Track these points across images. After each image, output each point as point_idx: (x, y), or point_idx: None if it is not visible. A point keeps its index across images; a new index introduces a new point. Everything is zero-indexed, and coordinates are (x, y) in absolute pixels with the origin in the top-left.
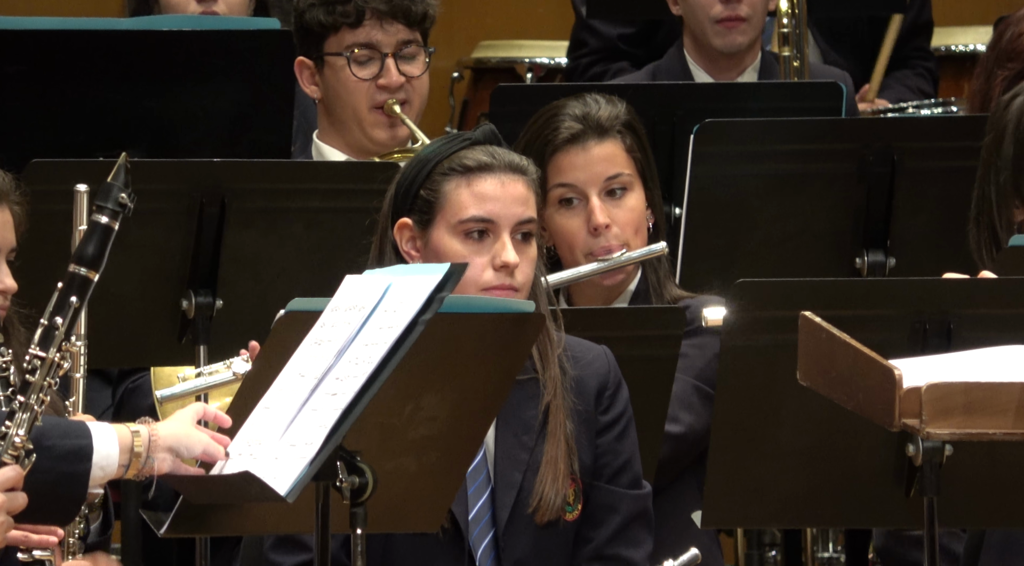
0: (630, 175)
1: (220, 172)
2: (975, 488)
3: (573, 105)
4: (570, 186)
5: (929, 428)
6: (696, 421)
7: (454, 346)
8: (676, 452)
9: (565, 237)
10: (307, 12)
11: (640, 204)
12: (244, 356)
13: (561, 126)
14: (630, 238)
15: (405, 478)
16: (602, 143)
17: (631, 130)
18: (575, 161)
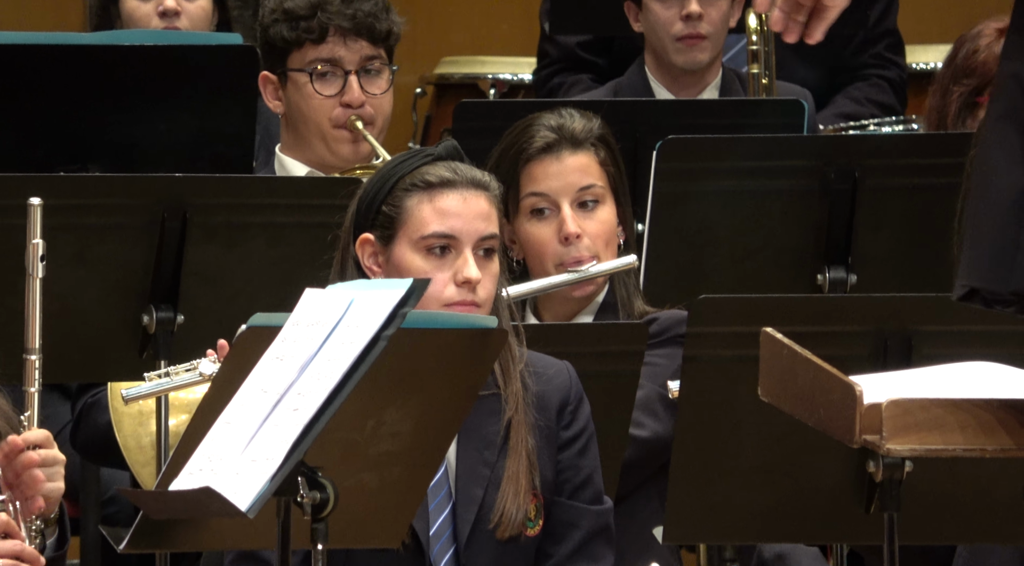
0: (602, 188)
1: (182, 187)
2: (935, 504)
3: (549, 117)
4: (543, 195)
5: (889, 444)
6: (661, 428)
7: (416, 362)
8: (640, 456)
9: (536, 247)
10: (271, 27)
11: (611, 218)
12: (211, 357)
13: (536, 136)
14: (601, 250)
15: (366, 494)
16: (576, 154)
17: (605, 144)
18: (548, 170)
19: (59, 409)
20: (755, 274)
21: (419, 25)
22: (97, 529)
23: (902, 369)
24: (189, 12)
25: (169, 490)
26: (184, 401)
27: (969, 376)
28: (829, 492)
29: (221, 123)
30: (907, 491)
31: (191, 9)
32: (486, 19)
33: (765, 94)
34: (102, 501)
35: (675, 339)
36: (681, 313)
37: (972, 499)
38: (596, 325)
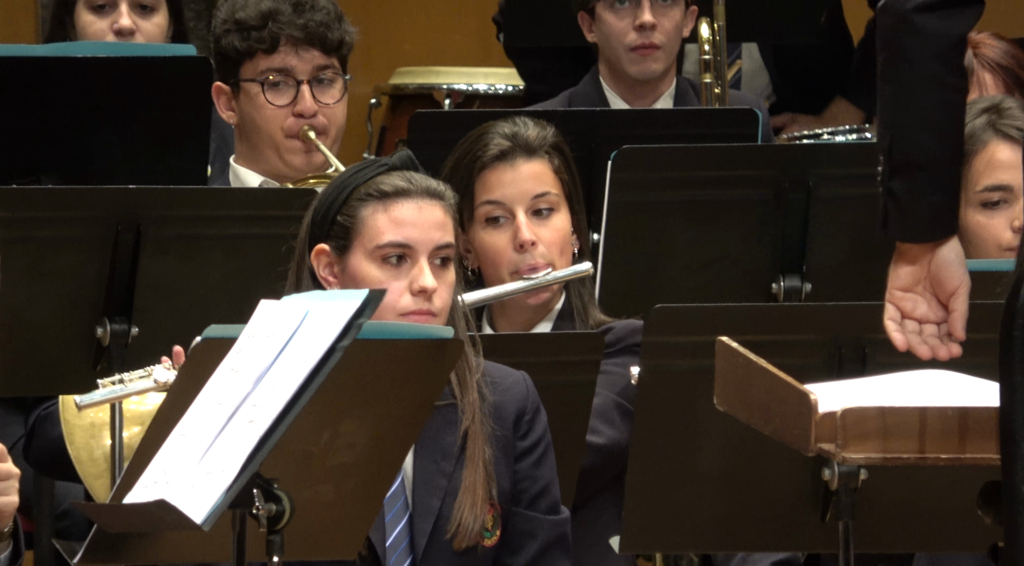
0: (557, 195)
1: (136, 199)
2: (890, 512)
3: (502, 125)
4: (497, 203)
5: (844, 452)
6: (618, 435)
7: (372, 372)
8: (597, 463)
9: (491, 254)
10: (223, 38)
11: (566, 225)
12: (166, 363)
13: (490, 144)
14: (555, 258)
15: (323, 505)
16: (530, 161)
17: (559, 152)
18: (503, 178)
19: (13, 423)
20: (710, 283)
21: (374, 35)
22: (51, 543)
23: (857, 377)
24: (145, 31)
25: (124, 503)
26: (137, 413)
27: (923, 384)
28: (785, 500)
29: (175, 135)
30: (862, 499)
31: (147, 27)
32: (440, 29)
33: (718, 103)
34: (56, 514)
35: (631, 348)
36: (637, 323)
37: (927, 507)
38: (552, 335)
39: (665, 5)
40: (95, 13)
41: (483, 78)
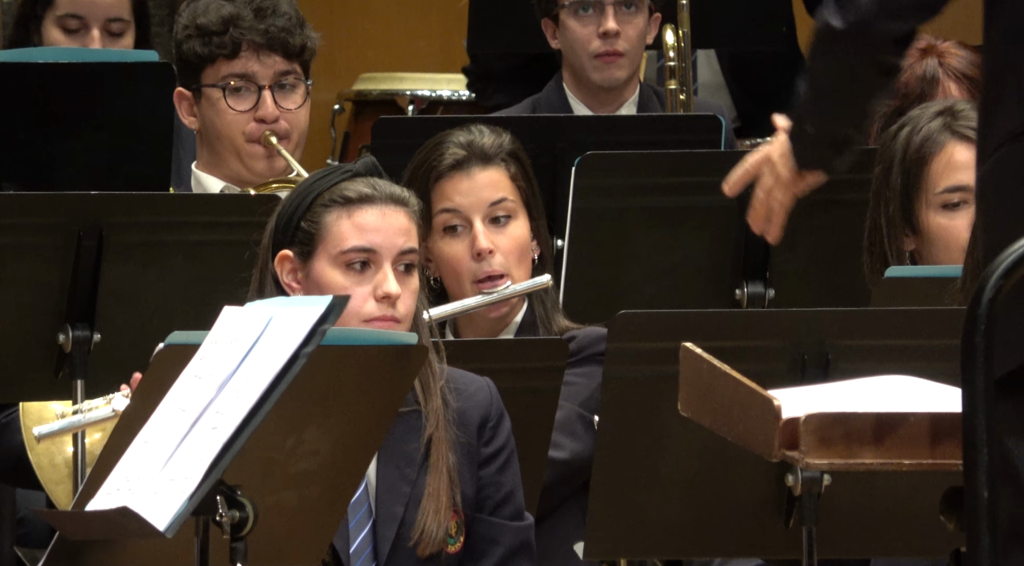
0: (514, 202)
1: (98, 205)
2: (853, 517)
3: (458, 134)
4: (454, 212)
5: (808, 458)
6: (581, 448)
7: (336, 379)
8: (560, 477)
9: (450, 264)
10: (184, 43)
11: (524, 233)
12: (125, 392)
13: (446, 153)
14: (513, 266)
15: (286, 512)
16: (486, 169)
17: (515, 159)
18: (459, 187)
19: None
20: (674, 289)
21: (337, 41)
22: (12, 550)
23: (820, 383)
24: None
25: (86, 510)
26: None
27: (886, 390)
28: (749, 506)
29: (137, 140)
30: (825, 505)
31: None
32: (404, 36)
33: (683, 110)
34: (17, 521)
35: (594, 357)
36: (600, 330)
37: (890, 513)
38: (516, 341)
39: (629, 12)
40: (65, 34)
41: (447, 84)
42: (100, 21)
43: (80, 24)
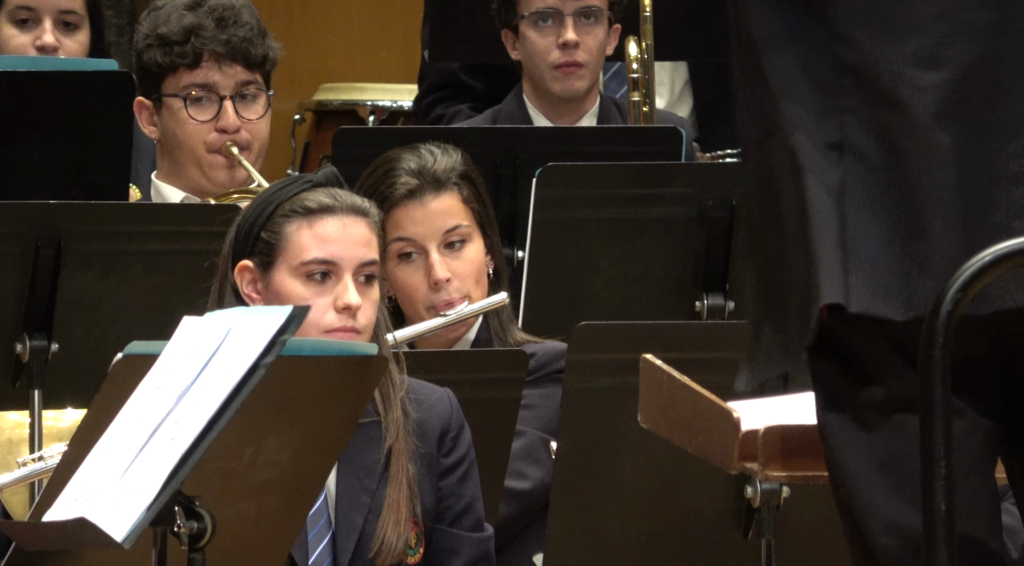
0: (468, 226)
1: (56, 214)
2: (812, 530)
3: (408, 158)
4: (409, 240)
5: (767, 470)
6: (544, 475)
7: (296, 389)
8: (522, 510)
9: (406, 290)
10: (145, 52)
11: (479, 254)
12: None
13: (397, 181)
14: (471, 289)
15: (245, 523)
16: (439, 196)
17: (468, 181)
18: (413, 216)
19: None
20: (634, 301)
21: (297, 51)
22: None
23: (779, 395)
24: (68, 48)
25: (43, 521)
26: (57, 430)
27: None
28: (708, 518)
29: (96, 150)
30: (784, 517)
31: (70, 45)
32: (365, 46)
33: (646, 121)
34: None
35: (552, 376)
36: (560, 347)
37: None
38: (476, 352)
39: (589, 23)
40: (17, 27)
41: (407, 94)
42: (52, 13)
43: (32, 16)
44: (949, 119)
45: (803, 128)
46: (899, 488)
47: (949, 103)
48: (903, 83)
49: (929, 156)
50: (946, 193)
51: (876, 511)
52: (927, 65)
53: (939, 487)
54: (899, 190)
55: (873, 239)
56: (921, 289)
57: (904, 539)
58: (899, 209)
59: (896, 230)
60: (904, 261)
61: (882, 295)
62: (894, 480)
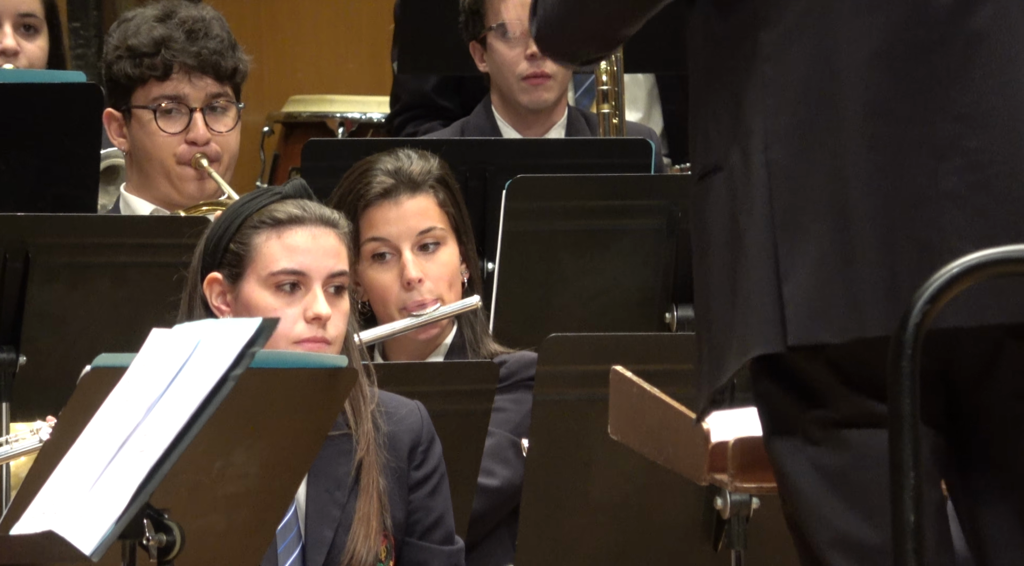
0: (443, 229)
1: (24, 226)
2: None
3: (386, 160)
4: (383, 240)
5: (737, 482)
6: (512, 475)
7: (265, 402)
8: (491, 506)
9: (379, 291)
10: (115, 64)
11: (453, 258)
12: (51, 422)
13: (373, 181)
14: (444, 292)
15: (214, 535)
16: (414, 197)
17: (444, 185)
18: (388, 215)
19: None
20: (604, 313)
21: (266, 63)
22: None
23: (749, 407)
24: (28, 52)
25: (11, 534)
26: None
27: None
28: (678, 529)
29: (63, 162)
30: (754, 528)
31: (30, 49)
32: (334, 58)
33: (616, 133)
34: None
35: (523, 383)
36: (530, 356)
37: None
38: (446, 364)
39: None
40: None
41: (376, 106)
42: (11, 16)
43: None
44: (877, 139)
45: (736, 157)
46: (846, 501)
47: (878, 123)
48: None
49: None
50: (875, 214)
51: (825, 525)
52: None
53: (907, 498)
54: (828, 213)
55: (806, 267)
56: (855, 310)
57: (853, 553)
58: (830, 233)
59: (828, 254)
60: (837, 285)
61: (819, 321)
62: (841, 494)
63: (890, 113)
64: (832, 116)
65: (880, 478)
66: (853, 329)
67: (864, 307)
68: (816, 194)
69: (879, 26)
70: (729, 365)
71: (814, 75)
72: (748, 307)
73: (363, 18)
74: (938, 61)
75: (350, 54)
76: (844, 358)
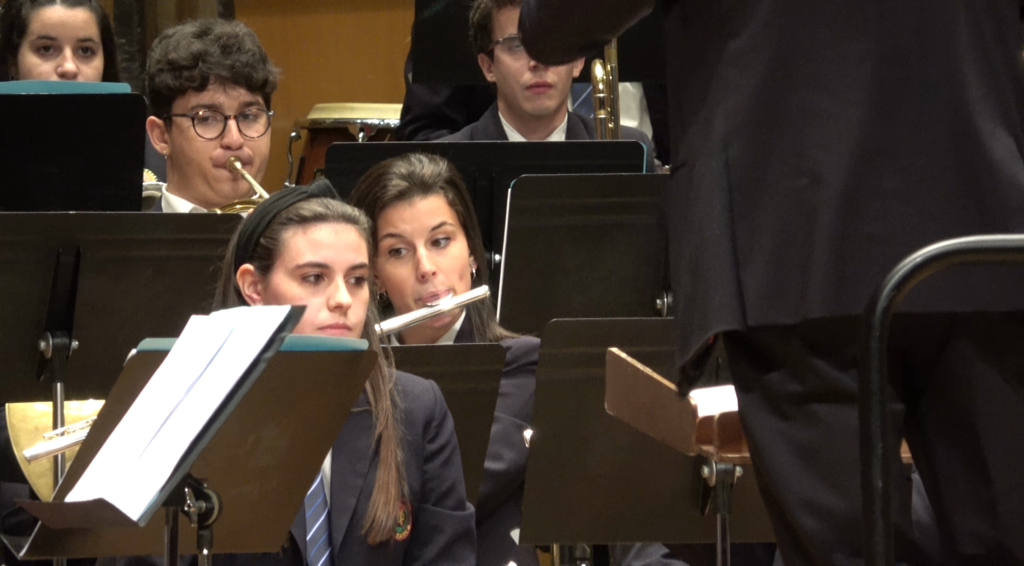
0: (453, 225)
1: (75, 224)
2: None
3: (399, 165)
4: (398, 237)
5: (722, 452)
6: (517, 457)
7: (293, 382)
8: (498, 488)
9: (395, 284)
10: (157, 76)
11: (463, 252)
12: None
13: (389, 184)
14: (455, 283)
15: (248, 503)
16: (426, 198)
17: (452, 186)
18: (403, 215)
19: None
20: (601, 300)
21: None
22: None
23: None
24: (85, 73)
25: (66, 502)
26: (78, 417)
27: None
28: (669, 496)
29: (110, 165)
30: (738, 494)
31: (87, 71)
32: (354, 69)
33: (611, 137)
34: (4, 514)
35: (526, 367)
36: (532, 341)
37: None
38: (458, 347)
39: None
40: (40, 55)
41: (393, 113)
42: (71, 42)
43: (53, 45)
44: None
45: (700, 154)
46: (816, 472)
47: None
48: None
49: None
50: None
51: (796, 493)
52: (816, 89)
53: (876, 466)
54: (782, 207)
55: (762, 255)
56: (807, 293)
57: (823, 519)
58: (783, 224)
59: (781, 244)
60: (789, 271)
61: (772, 303)
62: (811, 466)
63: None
64: (788, 119)
65: (846, 451)
66: (803, 311)
67: (813, 291)
68: (771, 189)
69: (834, 38)
70: (692, 342)
71: (773, 80)
72: (709, 289)
73: (380, 33)
74: (888, 72)
75: (369, 66)
76: (812, 337)
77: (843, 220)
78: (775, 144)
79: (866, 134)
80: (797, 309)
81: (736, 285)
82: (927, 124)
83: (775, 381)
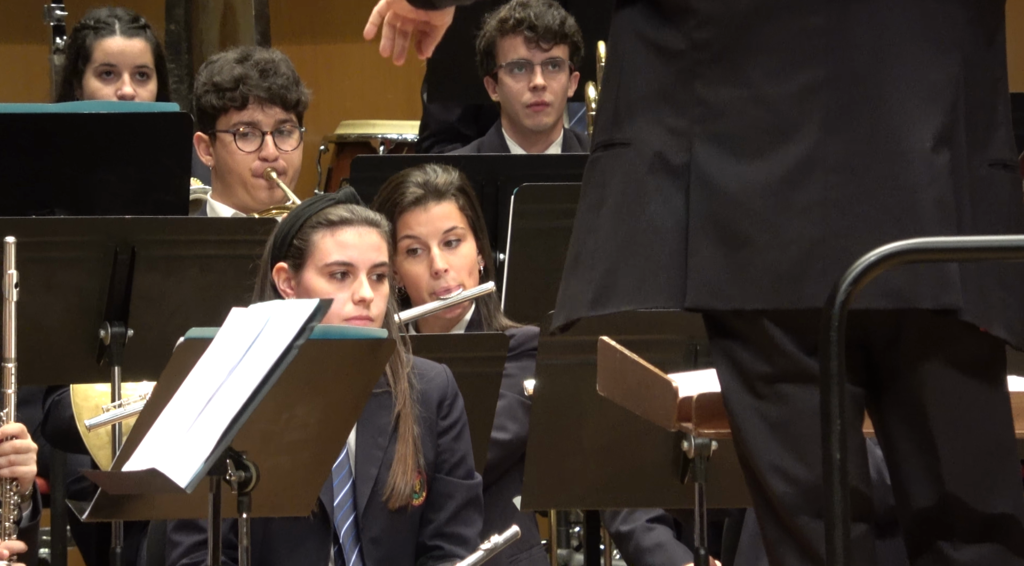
0: (463, 228)
1: (130, 226)
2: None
3: (416, 174)
4: (415, 238)
5: (699, 428)
6: (520, 429)
7: (322, 366)
8: (503, 455)
9: (412, 280)
10: (203, 97)
11: (472, 252)
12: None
13: (407, 191)
14: (465, 279)
15: (282, 472)
16: (440, 203)
17: (463, 193)
18: (419, 218)
19: (33, 407)
20: None
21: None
22: (64, 502)
23: (709, 369)
24: (141, 96)
25: (122, 471)
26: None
27: None
28: (653, 467)
29: (160, 175)
30: (713, 465)
31: (143, 94)
32: (376, 89)
33: None
34: (69, 481)
35: (528, 352)
36: (534, 329)
37: None
38: (467, 335)
39: (554, 71)
40: (102, 80)
41: (411, 129)
42: (129, 68)
43: (113, 70)
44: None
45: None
46: (785, 444)
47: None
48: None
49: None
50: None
51: (769, 463)
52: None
53: (835, 440)
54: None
55: (709, 247)
56: (742, 286)
57: (792, 484)
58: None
59: (728, 239)
60: (732, 264)
61: (711, 291)
62: (781, 438)
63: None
64: (745, 132)
65: (811, 426)
66: (736, 301)
67: (750, 284)
68: (726, 192)
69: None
70: (617, 303)
71: (737, 96)
72: (657, 267)
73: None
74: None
75: (389, 86)
76: (778, 324)
77: (786, 224)
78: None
79: (812, 153)
80: (729, 299)
81: (683, 270)
82: (867, 146)
83: (748, 361)
